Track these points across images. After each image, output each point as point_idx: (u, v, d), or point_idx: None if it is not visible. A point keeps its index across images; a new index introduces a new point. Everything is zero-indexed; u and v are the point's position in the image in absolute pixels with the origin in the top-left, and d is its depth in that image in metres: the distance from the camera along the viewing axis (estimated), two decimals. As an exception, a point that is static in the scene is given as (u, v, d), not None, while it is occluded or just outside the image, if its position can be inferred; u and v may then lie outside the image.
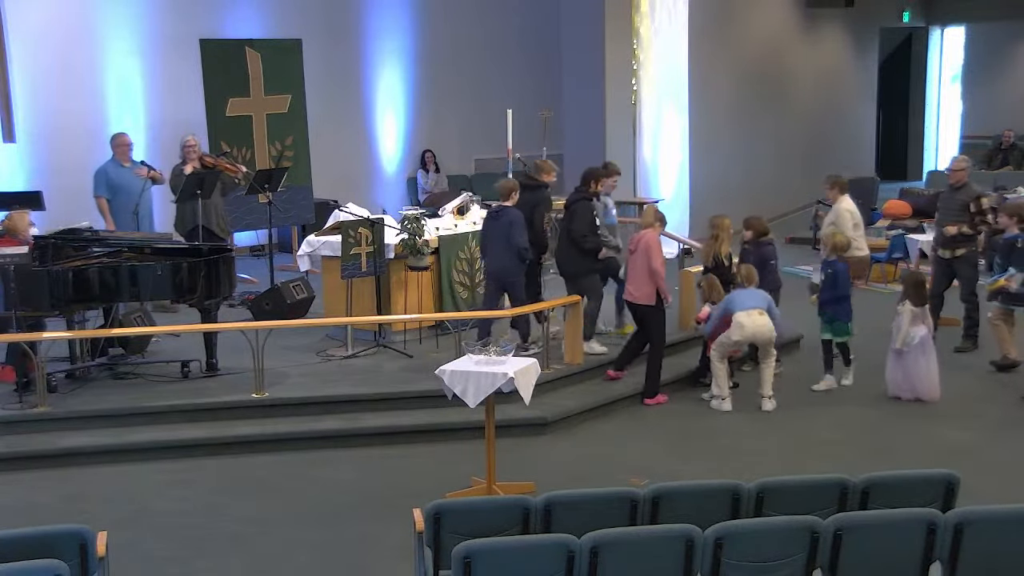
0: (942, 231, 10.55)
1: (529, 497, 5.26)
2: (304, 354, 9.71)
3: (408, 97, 16.12)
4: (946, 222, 10.53)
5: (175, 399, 8.70)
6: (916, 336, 9.18)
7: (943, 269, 10.64)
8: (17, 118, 12.85)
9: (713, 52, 16.60)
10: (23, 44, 12.79)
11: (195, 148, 11.34)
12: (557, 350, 9.48)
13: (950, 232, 10.41)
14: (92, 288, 8.66)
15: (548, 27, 16.11)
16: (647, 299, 9.07)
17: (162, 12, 13.69)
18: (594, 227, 9.53)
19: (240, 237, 13.00)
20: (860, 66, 20.93)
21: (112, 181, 11.23)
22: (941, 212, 10.75)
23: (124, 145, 11.40)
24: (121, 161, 11.36)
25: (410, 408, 8.70)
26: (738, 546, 4.79)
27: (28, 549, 4.71)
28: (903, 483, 5.54)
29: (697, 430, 8.84)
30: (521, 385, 7.03)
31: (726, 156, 17.14)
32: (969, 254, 10.57)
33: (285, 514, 7.23)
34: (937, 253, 10.71)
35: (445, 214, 11.02)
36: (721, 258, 9.69)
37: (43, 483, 7.73)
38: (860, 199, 15.85)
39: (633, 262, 9.15)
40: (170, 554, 6.67)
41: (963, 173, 10.71)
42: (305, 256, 10.42)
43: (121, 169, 11.32)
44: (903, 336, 9.18)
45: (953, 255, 10.54)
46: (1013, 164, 18.63)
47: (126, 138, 11.53)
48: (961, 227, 10.41)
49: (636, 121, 15.20)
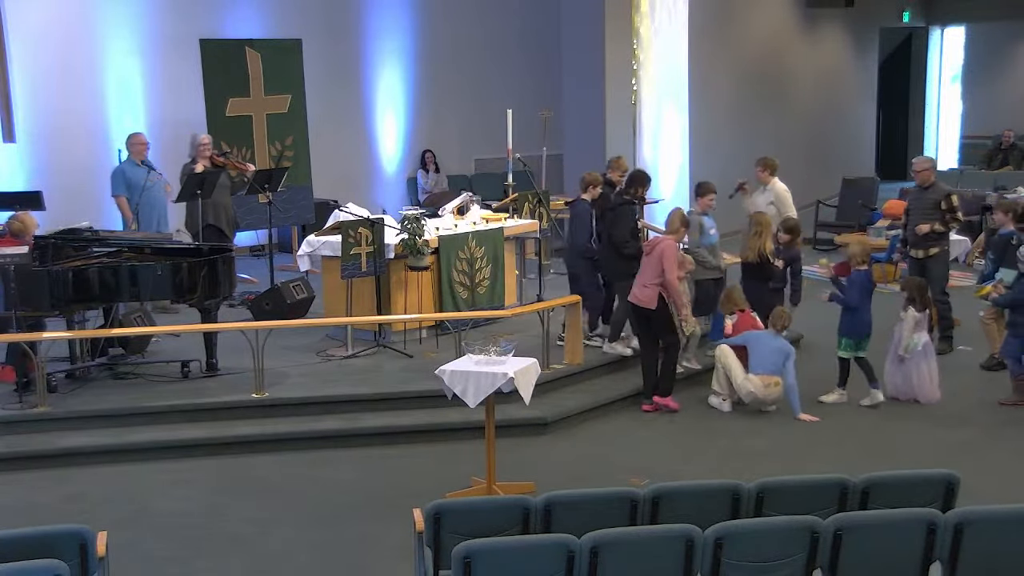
0: (915, 230, 10.52)
1: (529, 497, 5.26)
2: (304, 354, 9.71)
3: (408, 97, 16.12)
4: (918, 222, 10.52)
5: (175, 399, 8.69)
6: (920, 342, 9.15)
7: (916, 270, 10.61)
8: (17, 118, 12.85)
9: (713, 52, 16.60)
10: (23, 44, 12.79)
11: (208, 147, 11.37)
12: (557, 350, 9.48)
13: (922, 231, 10.39)
14: (92, 288, 8.65)
15: (548, 27, 16.10)
16: (649, 302, 8.91)
17: (162, 12, 13.69)
18: (636, 232, 9.64)
19: (240, 237, 13.00)
20: (860, 66, 20.94)
21: (129, 180, 11.28)
22: (912, 213, 10.72)
23: (141, 144, 11.43)
24: (137, 161, 11.38)
25: (410, 408, 8.70)
26: (738, 546, 4.80)
27: (28, 549, 4.71)
28: (903, 483, 5.54)
29: (697, 430, 8.84)
30: (521, 385, 7.03)
31: (726, 156, 17.11)
32: (941, 253, 10.55)
33: (285, 514, 7.23)
34: (910, 253, 10.69)
35: (445, 214, 11.02)
36: (766, 254, 9.76)
37: (43, 483, 7.73)
38: (860, 199, 15.95)
39: (646, 265, 9.06)
40: (170, 554, 6.67)
41: (928, 173, 10.66)
42: (305, 256, 10.42)
43: (137, 169, 11.34)
44: (906, 343, 9.15)
45: (927, 254, 10.52)
46: (1013, 164, 18.64)
47: (142, 138, 11.56)
48: (933, 225, 10.39)
49: (636, 121, 15.19)
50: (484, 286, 10.42)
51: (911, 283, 9.47)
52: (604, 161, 14.63)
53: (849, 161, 19.60)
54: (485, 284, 10.43)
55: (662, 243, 9.00)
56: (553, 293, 10.71)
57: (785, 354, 9.05)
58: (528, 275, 11.51)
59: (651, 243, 9.17)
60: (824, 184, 17.75)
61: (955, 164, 21.51)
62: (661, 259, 8.86)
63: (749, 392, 8.97)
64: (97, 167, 11.63)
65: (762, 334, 9.23)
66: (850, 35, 20.43)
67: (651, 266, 8.94)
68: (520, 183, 12.79)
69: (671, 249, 8.97)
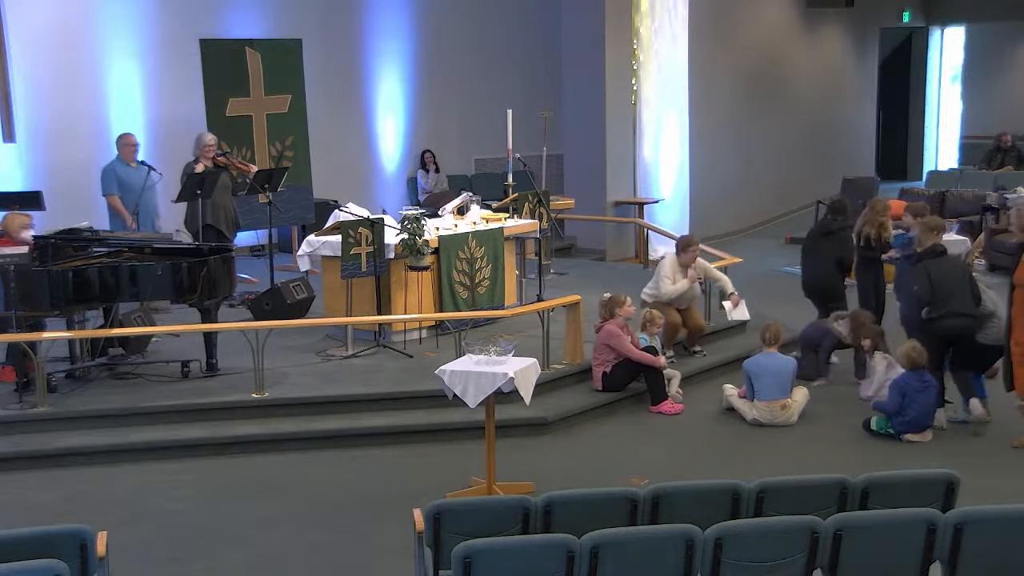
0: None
1: (529, 497, 5.26)
2: (304, 354, 9.71)
3: (408, 97, 16.11)
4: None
5: (175, 399, 8.69)
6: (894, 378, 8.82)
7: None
8: (17, 118, 12.83)
9: (713, 52, 16.61)
10: (23, 44, 12.78)
11: (213, 148, 11.37)
12: (557, 350, 9.48)
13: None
14: (92, 288, 8.65)
15: (548, 27, 16.10)
16: (597, 382, 9.26)
17: (162, 12, 13.68)
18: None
19: (240, 237, 12.99)
20: (860, 66, 20.93)
21: (121, 179, 11.26)
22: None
23: (130, 146, 11.40)
24: (127, 161, 11.36)
25: (410, 408, 8.70)
26: (738, 546, 4.80)
27: (28, 549, 4.71)
28: (903, 483, 5.54)
29: (697, 430, 8.84)
30: (521, 385, 7.03)
31: (726, 156, 17.15)
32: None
33: (285, 514, 7.23)
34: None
35: (445, 214, 11.03)
36: (884, 239, 10.17)
37: (43, 483, 7.73)
38: (860, 199, 15.93)
39: (596, 351, 9.25)
40: (170, 554, 6.67)
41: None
42: (305, 256, 10.41)
43: (127, 168, 11.32)
44: (877, 387, 8.92)
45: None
46: (1012, 164, 18.65)
47: (132, 138, 11.53)
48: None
49: (636, 121, 15.19)
50: (484, 286, 10.42)
51: (872, 331, 9.28)
52: (604, 161, 14.74)
53: (849, 161, 19.60)
54: (485, 284, 10.43)
55: (603, 329, 9.13)
56: (553, 293, 10.71)
57: (788, 372, 8.96)
58: (528, 275, 11.51)
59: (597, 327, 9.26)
60: (824, 184, 17.75)
61: (955, 164, 21.50)
62: (608, 343, 9.07)
63: (755, 419, 8.90)
64: (97, 167, 11.58)
65: (760, 359, 9.08)
66: (850, 35, 20.43)
67: (601, 351, 9.16)
68: (520, 183, 12.80)
69: (608, 334, 9.07)
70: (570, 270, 13.31)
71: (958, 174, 18.47)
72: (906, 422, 8.39)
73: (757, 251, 15.39)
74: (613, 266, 14.28)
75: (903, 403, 8.37)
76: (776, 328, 9.24)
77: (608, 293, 9.47)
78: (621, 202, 15.13)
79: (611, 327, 9.10)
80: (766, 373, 8.89)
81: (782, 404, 8.84)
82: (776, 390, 8.85)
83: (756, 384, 8.88)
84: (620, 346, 9.05)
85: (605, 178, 14.91)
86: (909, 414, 8.37)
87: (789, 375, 8.95)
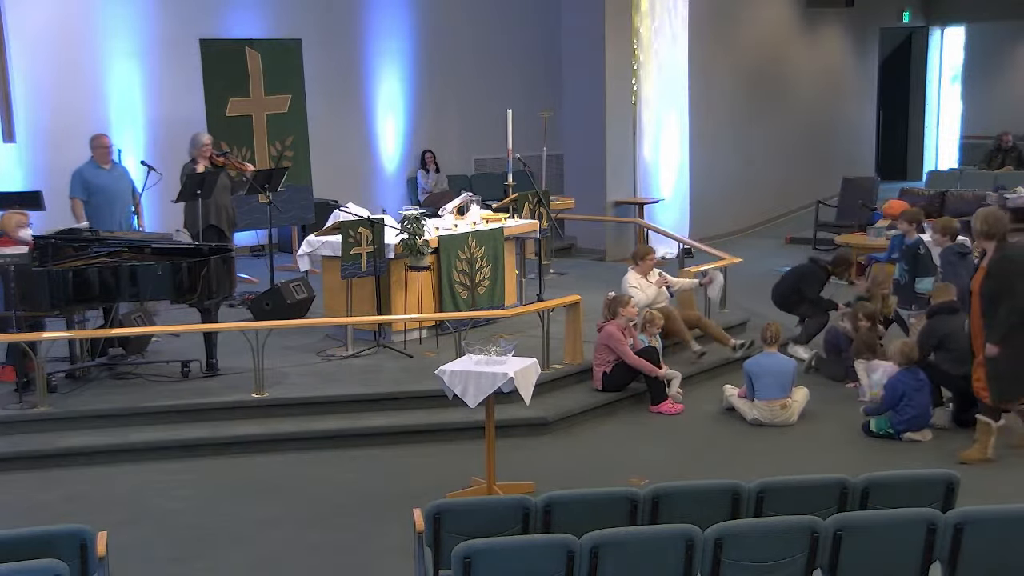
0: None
1: (529, 497, 5.26)
2: (304, 354, 9.71)
3: (408, 97, 16.11)
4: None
5: (175, 399, 8.69)
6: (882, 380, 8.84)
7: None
8: (17, 118, 12.83)
9: (713, 52, 16.61)
10: (23, 44, 12.78)
11: (209, 147, 11.32)
12: (557, 350, 9.48)
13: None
14: (92, 288, 8.64)
15: (548, 27, 16.10)
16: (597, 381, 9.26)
17: (162, 12, 13.68)
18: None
19: (240, 237, 13.00)
20: (860, 66, 20.94)
21: (89, 183, 10.76)
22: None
23: (103, 148, 10.91)
24: (100, 163, 10.86)
25: (410, 408, 8.70)
26: (738, 546, 4.79)
27: (28, 549, 4.71)
28: (903, 483, 5.54)
29: (697, 430, 8.84)
30: (521, 385, 7.03)
31: (726, 156, 17.15)
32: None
33: (285, 514, 7.23)
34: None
35: (445, 214, 11.02)
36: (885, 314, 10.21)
37: (43, 483, 7.73)
38: (860, 199, 15.95)
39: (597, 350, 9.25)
40: (170, 554, 6.67)
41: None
42: (305, 256, 10.41)
43: (99, 171, 10.83)
44: (870, 393, 9.02)
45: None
46: (1012, 164, 18.65)
47: (105, 140, 11.05)
48: None
49: (636, 121, 15.19)
50: (484, 286, 10.42)
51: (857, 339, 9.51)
52: (604, 161, 14.74)
53: (849, 161, 19.60)
54: (485, 284, 10.43)
55: (604, 330, 9.14)
56: (553, 293, 10.71)
57: (789, 374, 8.95)
58: (528, 275, 11.51)
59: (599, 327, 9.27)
60: (824, 184, 17.76)
61: (955, 164, 21.50)
62: (608, 344, 9.06)
63: (755, 419, 8.91)
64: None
65: (761, 359, 9.08)
66: (850, 35, 20.44)
67: (602, 351, 9.15)
68: (520, 183, 12.79)
69: (608, 335, 9.07)
70: (570, 270, 13.31)
71: (958, 174, 18.47)
72: (905, 421, 8.40)
73: (757, 251, 15.39)
74: (613, 266, 14.23)
75: (901, 402, 8.38)
76: (776, 328, 9.25)
77: (613, 292, 9.47)
78: (621, 202, 15.13)
79: (611, 328, 9.10)
80: (766, 373, 8.88)
81: (782, 404, 8.84)
82: (776, 390, 8.85)
83: (756, 384, 8.88)
84: (618, 349, 9.05)
85: (605, 178, 14.91)
86: (908, 413, 8.38)
87: (789, 375, 8.95)
